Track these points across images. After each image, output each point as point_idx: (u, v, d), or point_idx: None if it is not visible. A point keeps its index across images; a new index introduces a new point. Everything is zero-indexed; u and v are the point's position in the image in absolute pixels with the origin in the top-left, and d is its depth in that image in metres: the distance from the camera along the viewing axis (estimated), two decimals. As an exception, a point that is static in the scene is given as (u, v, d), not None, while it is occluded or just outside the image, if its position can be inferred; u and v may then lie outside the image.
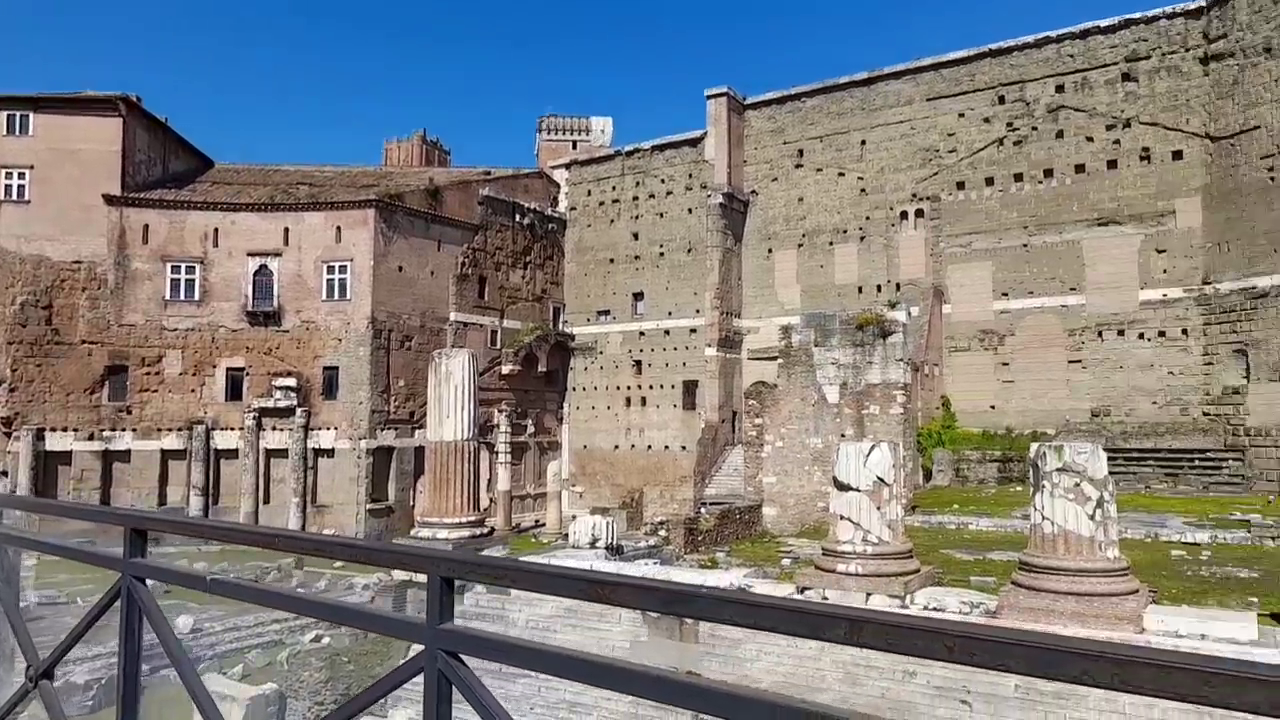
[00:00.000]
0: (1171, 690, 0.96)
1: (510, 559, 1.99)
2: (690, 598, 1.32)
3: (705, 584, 15.98)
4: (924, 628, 1.10)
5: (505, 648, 1.62)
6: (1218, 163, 33.07)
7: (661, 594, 1.38)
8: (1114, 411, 34.73)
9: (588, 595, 1.48)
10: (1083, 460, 12.46)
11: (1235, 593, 14.59)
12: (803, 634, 1.22)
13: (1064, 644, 1.05)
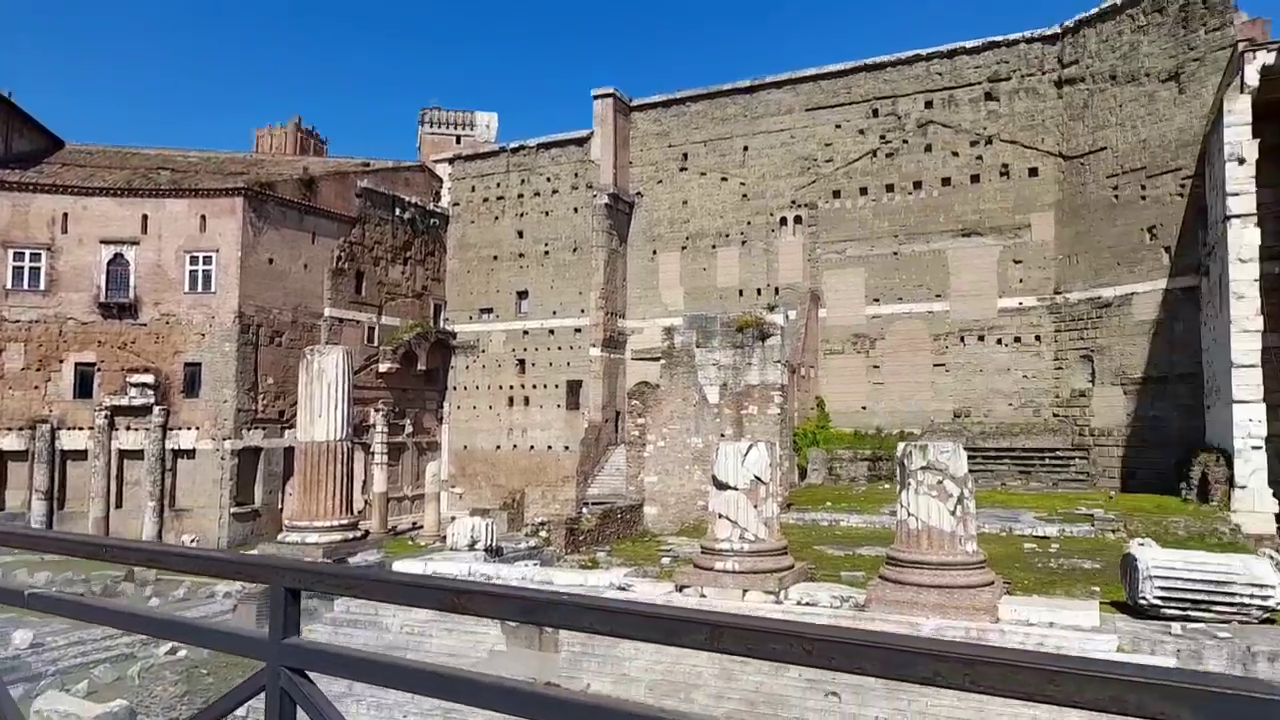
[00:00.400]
0: (1019, 689, 0.97)
1: (360, 568, 1.88)
2: (549, 606, 1.26)
3: (585, 583, 15.94)
4: (783, 631, 1.08)
5: (353, 663, 1.51)
6: (1069, 180, 35.45)
7: (520, 603, 1.31)
8: (974, 412, 36.71)
9: (443, 605, 1.40)
10: (945, 459, 13.05)
11: (1080, 583, 15.62)
12: (661, 640, 1.19)
13: (916, 645, 1.05)
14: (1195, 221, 30.41)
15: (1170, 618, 12.36)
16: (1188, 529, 21.46)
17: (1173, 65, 31.73)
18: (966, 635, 12.37)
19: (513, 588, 1.41)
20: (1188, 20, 31.34)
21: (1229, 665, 11.03)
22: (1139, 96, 32.82)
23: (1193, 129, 30.74)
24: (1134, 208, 32.90)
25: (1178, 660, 11.25)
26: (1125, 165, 33.22)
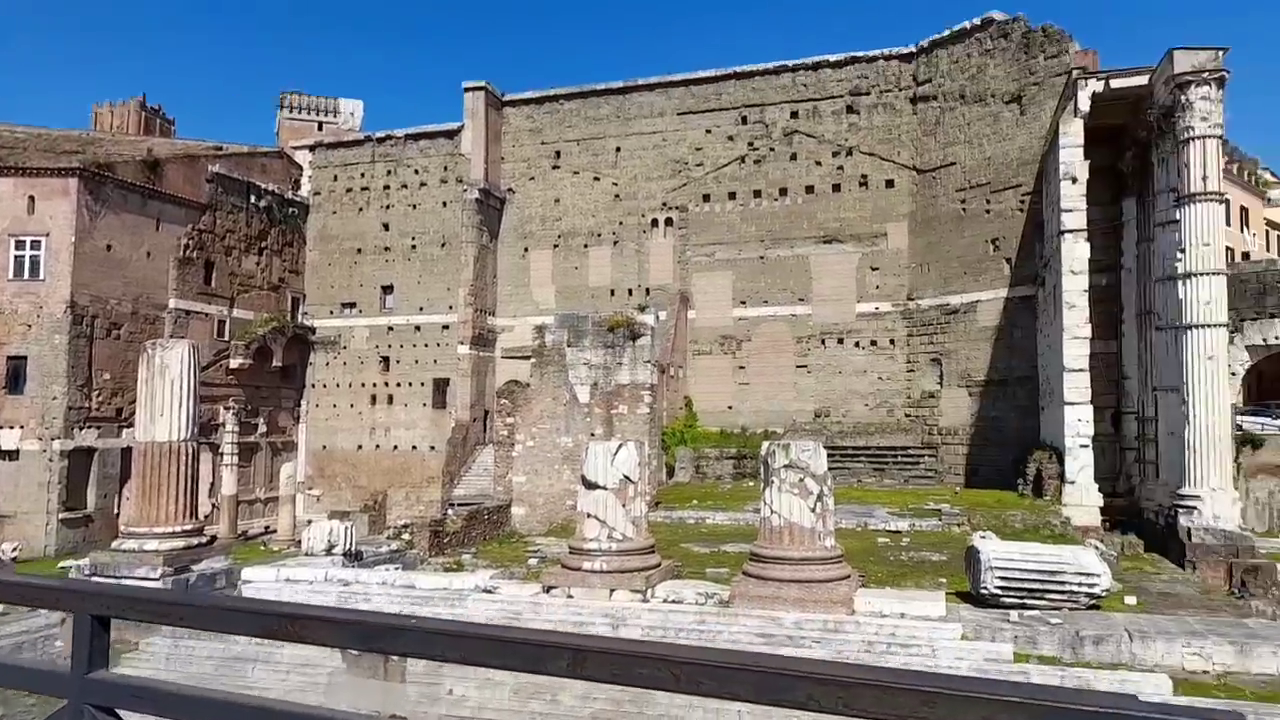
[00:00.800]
0: (895, 713, 0.93)
1: (178, 593, 1.68)
2: (395, 632, 1.14)
3: (449, 586, 15.53)
4: (649, 655, 1.00)
5: (165, 698, 1.33)
6: (922, 193, 37.37)
7: (363, 628, 1.18)
8: (833, 412, 38.17)
9: (271, 632, 1.25)
10: (807, 458, 13.45)
11: (929, 574, 16.45)
12: (520, 667, 1.09)
13: (789, 668, 0.99)
14: (1033, 235, 32.64)
15: (1009, 606, 13.17)
16: (1024, 522, 22.98)
17: (1015, 88, 33.95)
18: (824, 628, 12.78)
19: (353, 612, 1.27)
20: (1029, 47, 33.60)
21: (1060, 649, 11.83)
22: (985, 116, 34.94)
23: (1032, 149, 32.98)
24: (979, 221, 35.01)
25: (1014, 645, 11.98)
26: (972, 180, 35.31)
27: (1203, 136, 23.45)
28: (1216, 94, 23.46)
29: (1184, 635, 11.81)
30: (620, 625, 13.73)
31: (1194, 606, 14.74)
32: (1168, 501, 24.14)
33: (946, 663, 11.82)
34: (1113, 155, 29.32)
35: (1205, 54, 23.52)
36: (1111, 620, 12.70)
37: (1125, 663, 11.51)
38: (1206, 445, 23.04)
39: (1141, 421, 28.62)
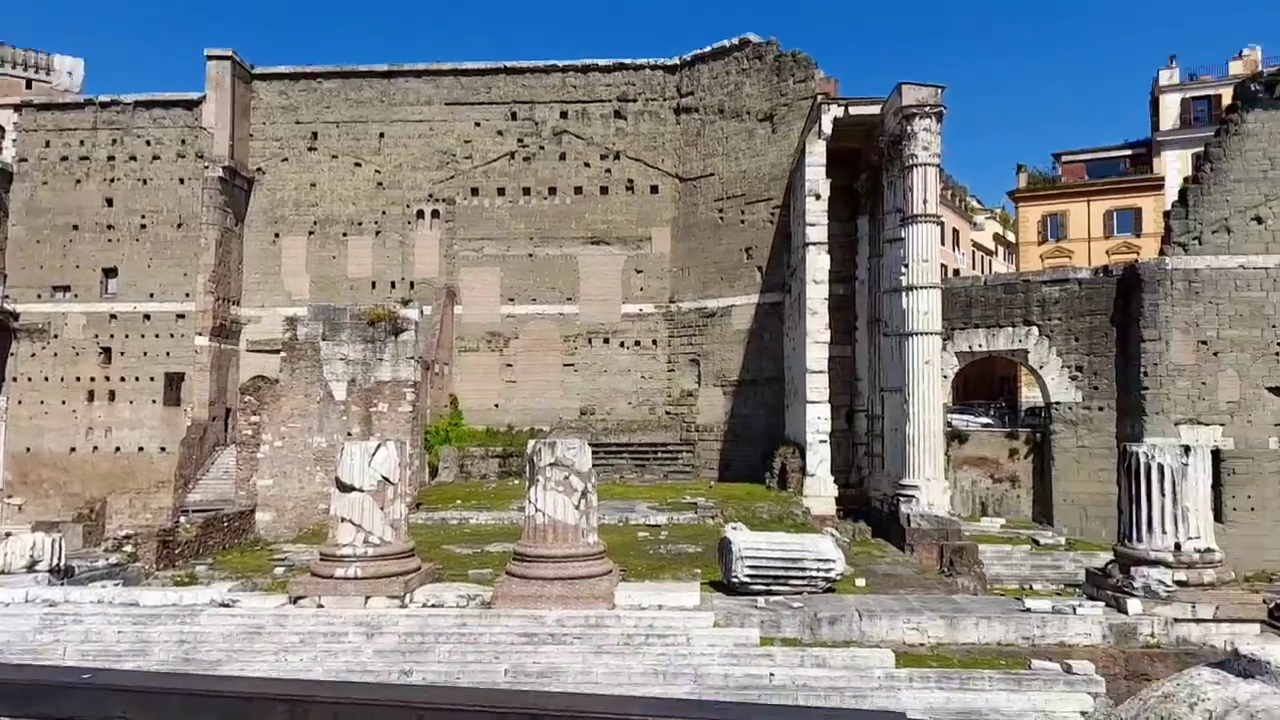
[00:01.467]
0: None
1: None
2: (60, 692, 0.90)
3: (179, 601, 14.07)
4: (389, 702, 0.87)
5: None
6: (684, 200, 39.00)
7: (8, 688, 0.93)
8: (598, 410, 38.90)
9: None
10: (572, 455, 13.53)
11: (685, 566, 17.13)
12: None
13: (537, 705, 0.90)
14: (782, 246, 35.07)
15: (757, 592, 13.98)
16: (771, 513, 24.57)
17: (768, 107, 36.30)
18: (586, 623, 12.91)
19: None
20: (780, 70, 36.06)
21: (801, 631, 12.72)
22: (741, 131, 37.08)
23: (782, 165, 35.42)
24: (735, 230, 37.10)
25: (760, 630, 12.72)
26: (729, 191, 37.35)
27: (924, 164, 26.27)
28: (936, 127, 26.36)
29: (905, 612, 13.11)
30: (375, 633, 13.10)
31: (913, 585, 16.43)
32: (891, 491, 26.79)
33: (700, 650, 12.33)
34: (851, 176, 32.14)
35: (928, 90, 26.35)
36: (845, 601, 13.85)
37: (856, 640, 12.57)
38: (923, 440, 25.82)
39: (871, 419, 31.57)
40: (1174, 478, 13.22)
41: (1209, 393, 29.27)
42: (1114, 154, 55.68)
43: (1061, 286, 31.39)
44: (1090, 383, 30.65)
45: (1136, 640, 12.56)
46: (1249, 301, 29.46)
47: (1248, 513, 28.77)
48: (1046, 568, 24.82)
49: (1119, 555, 13.84)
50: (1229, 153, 30.16)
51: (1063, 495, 30.35)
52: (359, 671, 12.52)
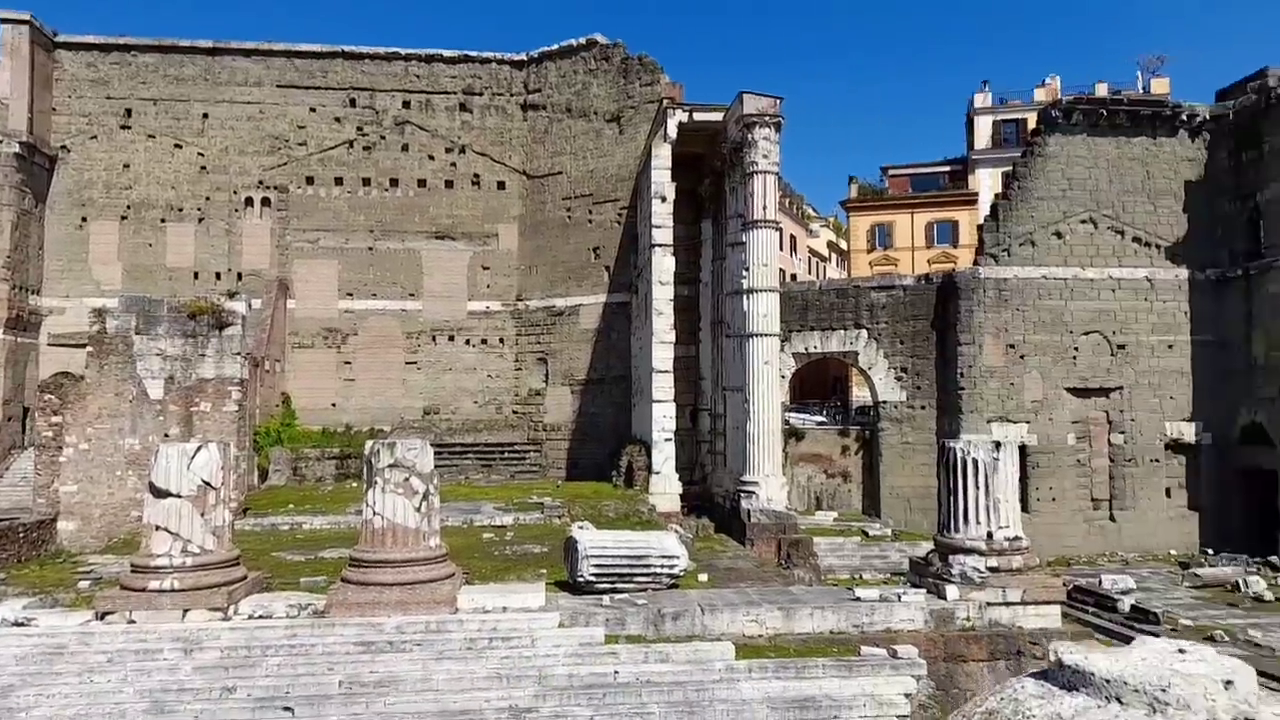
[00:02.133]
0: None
1: None
2: None
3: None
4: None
5: None
6: (532, 197, 38.68)
7: None
8: (443, 409, 37.96)
9: None
10: (412, 456, 13.09)
11: (531, 567, 16.94)
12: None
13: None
14: (629, 247, 35.40)
15: (602, 591, 14.00)
16: (617, 511, 24.73)
17: (616, 109, 36.56)
18: (427, 629, 12.53)
19: None
20: (627, 73, 36.40)
21: (645, 627, 12.83)
22: (589, 131, 37.16)
23: (629, 167, 35.76)
24: (583, 229, 37.14)
25: (606, 627, 12.75)
26: (577, 190, 37.35)
27: (764, 171, 27.19)
28: (775, 136, 27.34)
29: (744, 605, 13.48)
30: (195, 649, 12.19)
31: (753, 579, 16.93)
32: (733, 487, 27.57)
33: (545, 651, 12.22)
34: (695, 180, 32.85)
35: (767, 100, 27.29)
36: (688, 597, 14.10)
37: (698, 634, 12.82)
38: (763, 438, 26.72)
39: (714, 417, 32.38)
40: (987, 472, 14.24)
41: (1016, 393, 31.85)
42: (935, 169, 59.79)
43: (888, 292, 33.30)
44: (914, 383, 32.68)
45: (954, 624, 13.45)
46: (1050, 309, 32.28)
47: (1050, 503, 31.53)
48: (875, 558, 26.28)
49: (939, 545, 14.78)
50: (1033, 173, 32.94)
51: (889, 489, 32.20)
52: (175, 691, 11.61)
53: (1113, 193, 32.80)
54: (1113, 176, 32.81)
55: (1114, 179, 32.83)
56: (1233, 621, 20.59)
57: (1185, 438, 32.20)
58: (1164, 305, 32.61)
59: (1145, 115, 33.08)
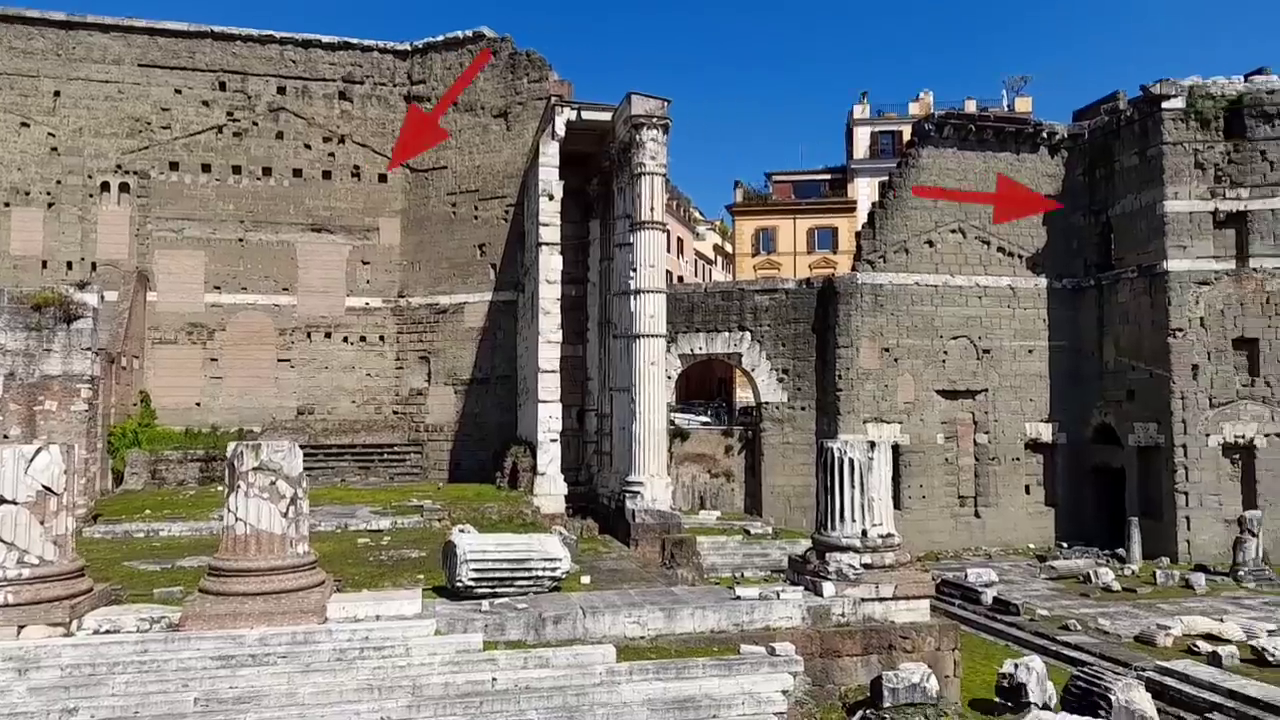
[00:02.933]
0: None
1: None
2: None
3: None
4: None
5: None
6: (415, 191, 37.63)
7: None
8: (318, 410, 36.47)
9: None
10: (279, 459, 12.41)
11: (408, 572, 16.36)
12: None
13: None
14: (516, 244, 34.92)
15: (482, 595, 13.64)
16: (500, 513, 24.27)
17: (503, 104, 36.00)
18: (293, 641, 11.89)
19: None
20: (515, 69, 35.90)
21: (525, 632, 12.56)
22: (475, 126, 36.46)
23: (517, 163, 35.27)
24: (469, 225, 36.40)
25: (485, 634, 12.41)
26: (463, 186, 36.57)
27: (651, 173, 27.27)
28: (663, 138, 27.47)
29: (627, 607, 13.38)
30: (31, 668, 11.18)
31: (636, 580, 16.87)
32: (619, 488, 27.53)
33: (420, 660, 11.78)
34: (584, 179, 32.69)
35: (655, 102, 27.38)
36: (570, 600, 13.89)
37: (580, 637, 12.63)
38: (649, 438, 26.78)
39: (600, 418, 32.28)
40: (862, 471, 14.61)
41: (890, 394, 33.06)
42: (817, 177, 61.59)
43: (771, 296, 34.01)
44: (795, 384, 33.48)
45: (830, 620, 13.73)
46: (922, 314, 33.67)
47: (920, 500, 32.86)
48: (756, 556, 26.74)
49: (816, 542, 15.08)
50: (907, 183, 34.30)
51: (770, 488, 32.87)
52: (6, 716, 10.59)
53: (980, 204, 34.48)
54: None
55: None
56: (1085, 611, 21.89)
57: (1043, 437, 34.15)
58: (1025, 312, 34.51)
59: (1010, 132, 34.96)
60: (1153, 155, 31.19)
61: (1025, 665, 14.68)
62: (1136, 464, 31.62)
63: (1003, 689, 14.65)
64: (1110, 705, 12.68)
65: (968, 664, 15.77)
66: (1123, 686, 12.99)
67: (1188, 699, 15.25)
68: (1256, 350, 29.84)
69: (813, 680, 12.92)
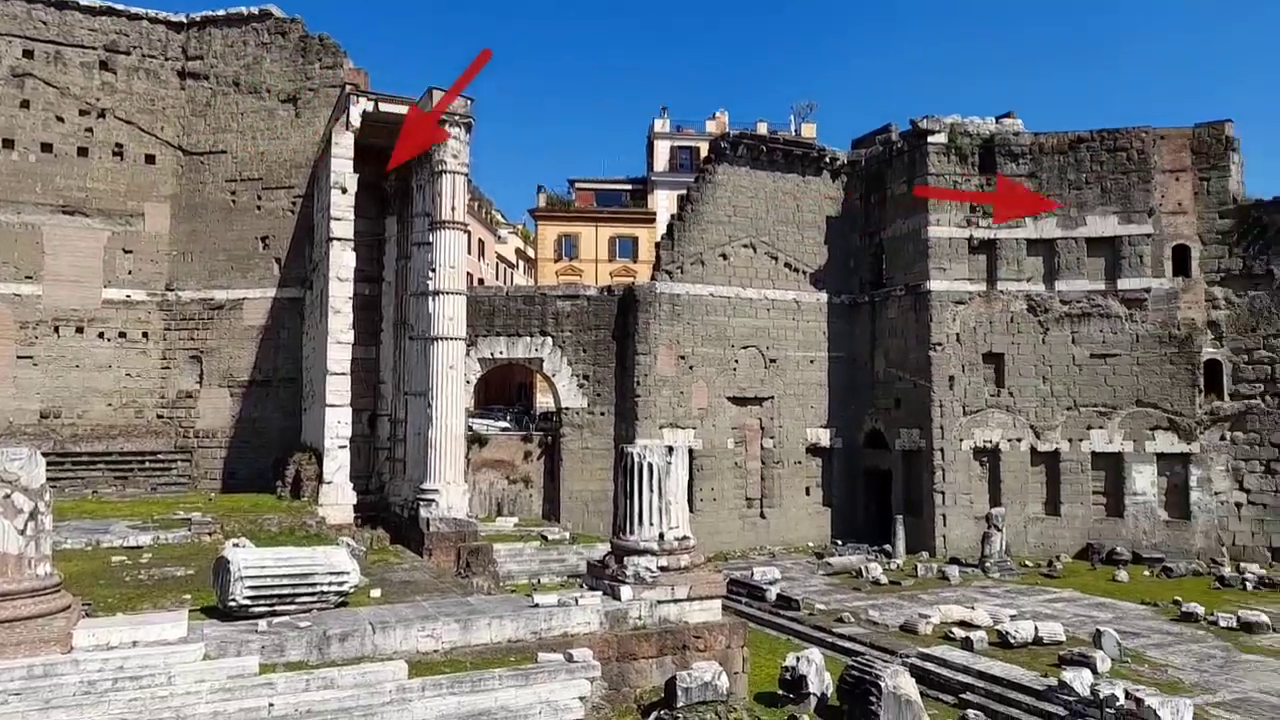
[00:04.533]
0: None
1: None
2: None
3: None
4: None
5: None
6: (189, 176, 34.56)
7: None
8: (66, 413, 32.58)
9: None
10: (16, 468, 10.87)
11: (172, 592, 14.87)
12: None
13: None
14: (304, 238, 32.91)
15: (260, 615, 12.61)
16: (281, 525, 22.70)
17: (292, 89, 33.86)
18: (30, 674, 10.44)
19: None
20: (306, 52, 33.89)
21: (308, 652, 11.73)
22: (260, 110, 34.04)
23: (306, 152, 33.26)
24: (250, 216, 33.89)
25: (262, 656, 11.47)
26: (244, 173, 34.01)
27: (453, 171, 26.61)
28: (465, 136, 26.88)
29: (419, 620, 12.83)
30: None
31: (430, 590, 16.26)
32: (413, 496, 26.53)
33: (185, 688, 10.71)
34: (380, 173, 31.34)
35: (460, 100, 26.73)
36: (358, 615, 13.14)
37: (369, 655, 11.96)
38: (446, 444, 26.03)
39: (394, 423, 31.02)
40: (660, 475, 14.90)
41: (685, 400, 34.10)
42: (619, 186, 62.70)
43: (573, 302, 34.14)
44: (595, 390, 33.76)
45: (627, 624, 13.86)
46: (716, 324, 35.02)
47: (712, 502, 34.09)
48: (554, 562, 26.66)
49: (615, 546, 15.20)
50: (704, 198, 35.61)
51: (569, 493, 32.93)
52: None
53: (769, 221, 36.42)
54: (770, 207, 36.45)
55: (771, 209, 36.48)
56: (857, 604, 23.52)
57: (822, 442, 36.49)
58: (808, 325, 36.76)
59: (797, 155, 37.17)
60: (919, 184, 34.23)
61: (806, 658, 15.52)
62: (902, 466, 34.48)
63: (786, 681, 15.40)
64: (880, 691, 13.64)
65: (755, 659, 16.46)
66: (890, 674, 14.00)
67: (945, 681, 16.72)
68: (1002, 364, 33.42)
69: (609, 684, 12.97)
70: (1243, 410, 31.03)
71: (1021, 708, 15.10)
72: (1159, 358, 31.97)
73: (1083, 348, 32.81)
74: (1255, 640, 20.00)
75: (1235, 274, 31.62)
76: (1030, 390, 33.05)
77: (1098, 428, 32.38)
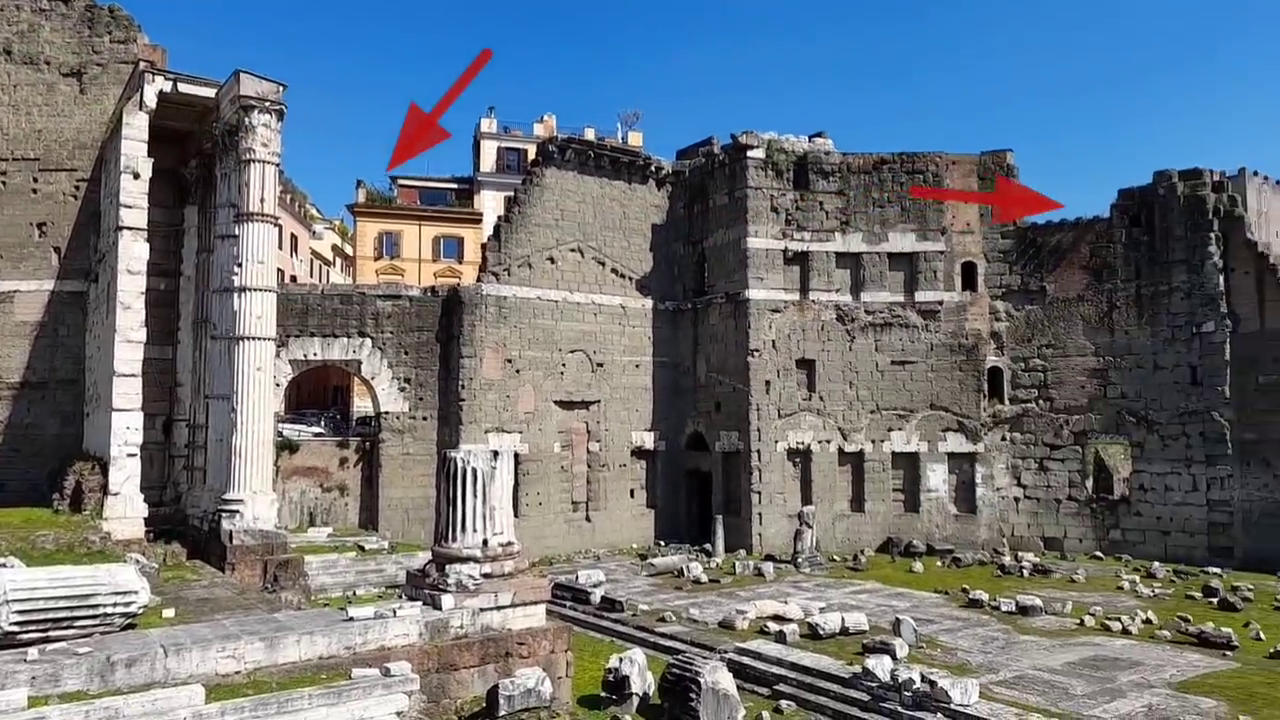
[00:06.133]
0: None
1: None
2: None
3: None
4: None
5: None
6: (-52, 152, 30.55)
7: None
8: None
9: None
10: None
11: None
12: None
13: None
14: (89, 226, 29.94)
15: (30, 642, 11.29)
16: (58, 542, 20.47)
17: (76, 62, 30.72)
18: None
19: None
20: (93, 23, 30.85)
21: (89, 681, 10.60)
22: (38, 83, 30.65)
23: (93, 132, 30.28)
24: (25, 199, 30.43)
25: (32, 688, 10.27)
26: (18, 152, 30.48)
27: (263, 161, 25.04)
28: (276, 124, 25.36)
29: (219, 640, 11.88)
30: None
31: (232, 608, 15.14)
32: (214, 507, 24.67)
33: (-67, 733, 9.39)
34: (179, 159, 29.08)
35: (269, 85, 25.19)
36: (148, 638, 12.01)
37: (160, 680, 10.96)
38: (252, 451, 24.38)
39: (193, 429, 28.77)
40: (485, 480, 14.60)
41: (512, 404, 33.71)
42: (444, 185, 61.27)
43: (395, 302, 32.96)
44: (417, 394, 32.73)
45: (449, 633, 13.46)
46: (544, 328, 34.86)
47: (537, 507, 33.85)
48: (371, 572, 25.57)
49: (436, 555, 14.74)
50: (531, 200, 35.40)
51: (389, 501, 31.71)
52: None
53: (597, 227, 36.70)
54: (597, 212, 36.73)
55: (598, 215, 36.77)
56: (679, 603, 24.04)
57: (647, 445, 37.10)
58: (634, 330, 37.32)
59: (624, 162, 37.68)
60: (739, 197, 35.55)
61: (629, 659, 15.67)
62: (722, 467, 35.65)
63: (609, 683, 15.49)
64: (700, 688, 13.97)
65: (579, 662, 16.45)
66: (709, 669, 14.38)
67: (760, 674, 17.37)
68: (814, 369, 35.26)
69: (429, 697, 12.56)
70: (1020, 413, 34.33)
71: (830, 695, 15.92)
72: (950, 365, 34.83)
73: (885, 355, 35.21)
74: (1031, 622, 22.09)
75: (1014, 289, 34.98)
76: (839, 394, 35.07)
77: (897, 430, 34.82)
